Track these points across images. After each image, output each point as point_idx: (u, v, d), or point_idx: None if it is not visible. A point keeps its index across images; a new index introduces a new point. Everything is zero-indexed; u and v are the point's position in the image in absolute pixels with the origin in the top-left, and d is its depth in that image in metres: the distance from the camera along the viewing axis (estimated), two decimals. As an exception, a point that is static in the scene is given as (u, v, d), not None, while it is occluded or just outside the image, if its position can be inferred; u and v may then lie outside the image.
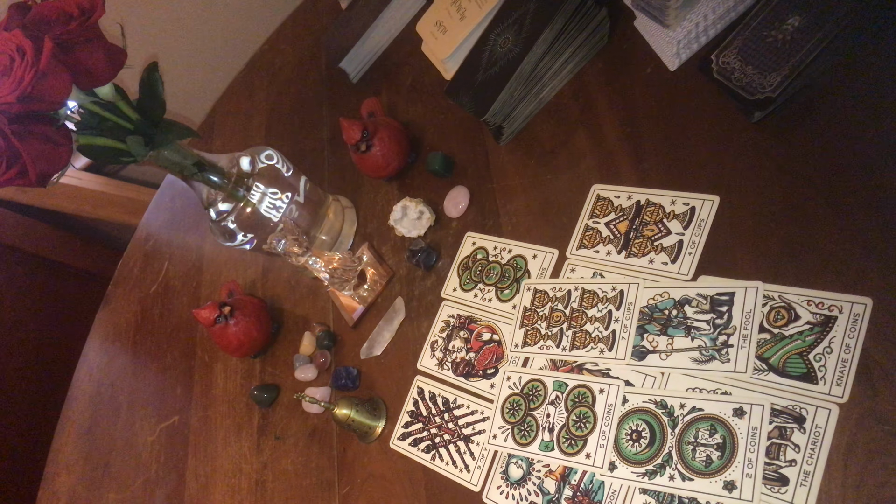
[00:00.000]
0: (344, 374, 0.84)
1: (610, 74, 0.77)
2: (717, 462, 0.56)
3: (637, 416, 0.61)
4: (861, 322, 0.54)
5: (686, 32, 0.69)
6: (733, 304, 0.60)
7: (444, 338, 0.78)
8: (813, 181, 0.60)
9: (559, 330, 0.69)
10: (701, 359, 0.60)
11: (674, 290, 0.64)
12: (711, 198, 0.65)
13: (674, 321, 0.63)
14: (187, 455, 0.97)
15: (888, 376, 0.52)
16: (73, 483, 1.11)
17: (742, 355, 0.58)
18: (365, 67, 1.08)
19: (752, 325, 0.58)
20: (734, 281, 0.61)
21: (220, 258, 1.12)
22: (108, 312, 1.27)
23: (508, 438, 0.68)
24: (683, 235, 0.66)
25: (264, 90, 1.25)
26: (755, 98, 0.62)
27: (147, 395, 1.09)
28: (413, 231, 0.85)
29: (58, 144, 0.66)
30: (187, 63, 1.61)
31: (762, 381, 0.57)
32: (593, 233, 0.72)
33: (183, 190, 1.28)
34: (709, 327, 0.61)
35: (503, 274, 0.77)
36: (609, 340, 0.66)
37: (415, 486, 0.74)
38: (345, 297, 0.89)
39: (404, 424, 0.77)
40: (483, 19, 0.87)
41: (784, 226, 0.60)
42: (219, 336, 0.90)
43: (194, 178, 0.80)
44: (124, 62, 0.69)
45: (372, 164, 0.88)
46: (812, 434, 0.53)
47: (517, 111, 0.81)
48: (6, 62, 0.61)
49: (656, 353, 0.63)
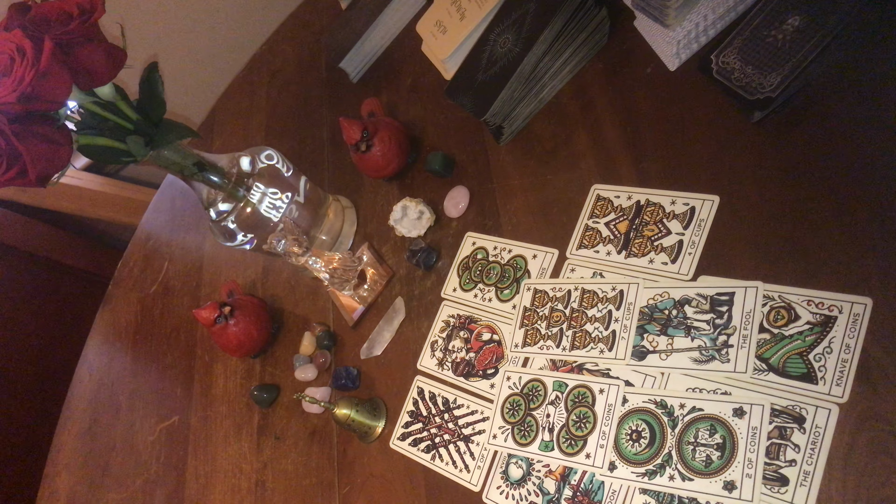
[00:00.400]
0: (344, 374, 0.84)
1: (610, 74, 0.77)
2: (717, 462, 0.56)
3: (637, 416, 0.61)
4: (861, 322, 0.54)
5: (686, 32, 0.69)
6: (733, 304, 0.60)
7: (444, 338, 0.78)
8: (813, 181, 0.60)
9: (559, 330, 0.69)
10: (701, 359, 0.60)
11: (674, 290, 0.64)
12: (711, 198, 0.65)
13: (674, 321, 0.63)
14: (187, 455, 0.97)
15: (888, 376, 0.52)
16: (73, 483, 1.11)
17: (742, 355, 0.58)
18: (365, 67, 1.08)
19: (752, 325, 0.58)
20: (734, 281, 0.61)
21: (220, 258, 1.12)
22: (108, 312, 1.27)
23: (508, 438, 0.68)
24: (683, 235, 0.66)
25: (264, 90, 1.25)
26: (755, 98, 0.62)
27: (147, 395, 1.09)
28: (413, 231, 0.85)
29: (58, 144, 0.66)
30: (187, 63, 1.61)
31: (762, 381, 0.57)
32: (593, 233, 0.72)
33: (183, 190, 1.28)
34: (709, 327, 0.61)
35: (503, 274, 0.77)
36: (609, 340, 0.66)
37: (415, 486, 0.74)
38: (345, 297, 0.89)
39: (404, 424, 0.77)
40: (483, 19, 0.87)
41: (784, 225, 0.60)
42: (219, 336, 0.90)
43: (194, 178, 0.80)
44: (124, 62, 0.69)
45: (372, 164, 0.88)
46: (812, 434, 0.53)
47: (517, 111, 0.81)
48: (6, 62, 0.61)
49: (656, 353, 0.63)
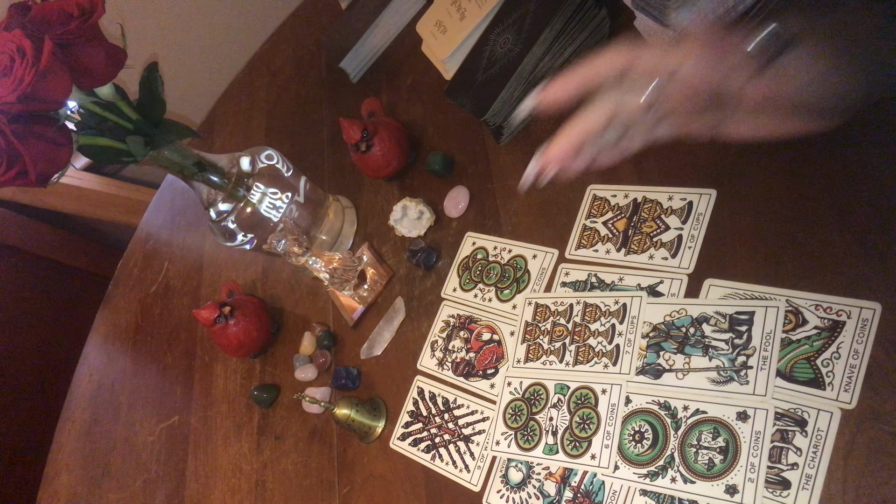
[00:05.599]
0: (344, 374, 0.84)
1: (610, 74, 0.77)
2: (720, 465, 0.56)
3: (640, 416, 0.61)
4: (870, 327, 0.53)
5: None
6: (753, 323, 0.58)
7: (444, 338, 0.78)
8: (813, 181, 0.60)
9: (562, 345, 0.69)
10: (719, 379, 0.58)
11: (691, 308, 0.62)
12: (708, 191, 0.65)
13: (691, 339, 0.61)
14: (187, 455, 0.97)
15: (888, 376, 0.51)
16: (73, 483, 1.11)
17: (762, 377, 0.56)
18: (365, 67, 1.07)
19: (773, 347, 0.57)
20: (754, 302, 0.59)
21: (220, 258, 1.12)
22: (108, 312, 1.27)
23: (512, 444, 0.68)
24: (682, 230, 0.65)
25: (264, 90, 1.25)
26: (756, 98, 0.61)
27: (147, 395, 1.09)
28: (413, 231, 0.85)
29: (58, 144, 0.66)
30: (187, 63, 1.61)
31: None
32: (591, 232, 0.71)
33: (183, 190, 1.28)
34: (727, 347, 0.59)
35: (503, 274, 0.77)
36: (613, 355, 0.65)
37: (415, 486, 0.74)
38: (345, 297, 0.88)
39: (404, 424, 0.77)
40: (483, 19, 0.87)
41: (785, 225, 0.60)
42: (219, 336, 0.90)
43: (194, 178, 0.80)
44: (124, 62, 0.69)
45: (372, 164, 0.88)
46: (814, 437, 0.53)
47: (517, 111, 0.80)
48: (6, 62, 0.61)
49: (672, 371, 0.61)
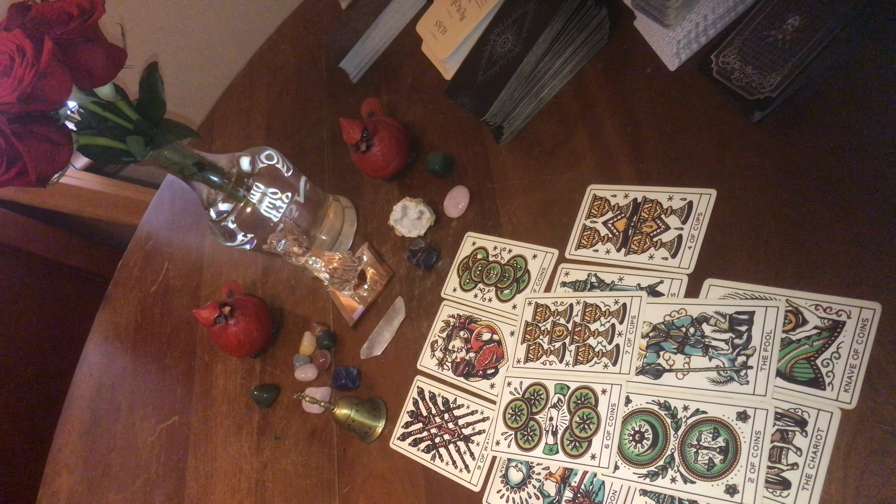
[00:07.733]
0: (344, 374, 0.84)
1: (610, 74, 0.77)
2: (720, 465, 0.56)
3: (640, 416, 0.61)
4: (870, 327, 0.53)
5: (686, 32, 0.69)
6: (753, 323, 0.58)
7: (444, 338, 0.78)
8: (813, 181, 0.60)
9: (562, 345, 0.69)
10: (719, 379, 0.58)
11: (691, 307, 0.62)
12: (708, 191, 0.65)
13: (691, 339, 0.61)
14: (187, 455, 0.97)
15: (888, 377, 0.52)
16: (73, 483, 1.11)
17: (762, 377, 0.56)
18: (365, 67, 1.07)
19: (773, 346, 0.57)
20: (754, 302, 0.59)
21: (220, 258, 1.12)
22: (108, 312, 1.27)
23: (512, 444, 0.68)
24: (682, 230, 0.65)
25: (264, 90, 1.25)
26: (755, 98, 0.62)
27: (147, 395, 1.09)
28: (413, 231, 0.85)
29: (58, 144, 0.66)
30: (187, 63, 1.61)
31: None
32: (591, 232, 0.71)
33: (183, 190, 1.28)
34: (727, 347, 0.59)
35: (503, 274, 0.77)
36: (613, 355, 0.65)
37: (415, 486, 0.74)
38: (345, 297, 0.88)
39: (404, 424, 0.77)
40: (483, 19, 0.87)
41: (785, 225, 0.60)
42: (219, 336, 0.90)
43: (194, 178, 0.80)
44: (124, 62, 0.69)
45: (372, 164, 0.88)
46: (814, 437, 0.53)
47: (517, 111, 0.80)
48: (6, 62, 0.61)
49: (672, 371, 0.61)
